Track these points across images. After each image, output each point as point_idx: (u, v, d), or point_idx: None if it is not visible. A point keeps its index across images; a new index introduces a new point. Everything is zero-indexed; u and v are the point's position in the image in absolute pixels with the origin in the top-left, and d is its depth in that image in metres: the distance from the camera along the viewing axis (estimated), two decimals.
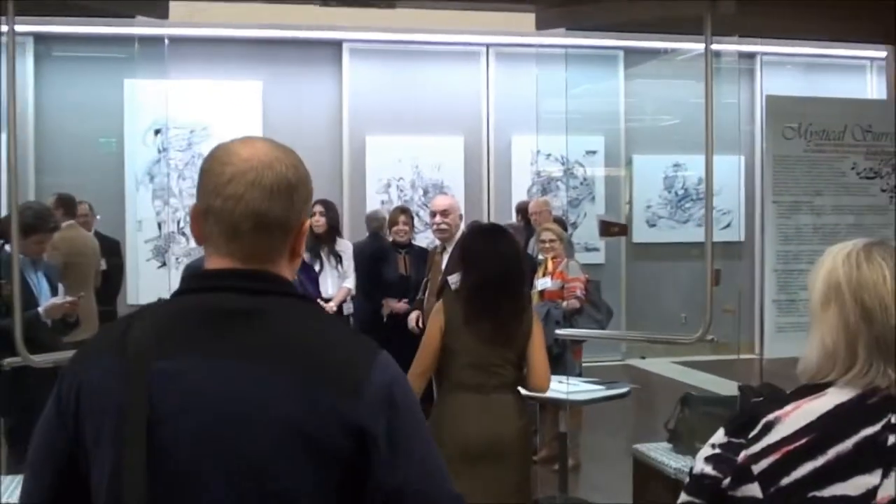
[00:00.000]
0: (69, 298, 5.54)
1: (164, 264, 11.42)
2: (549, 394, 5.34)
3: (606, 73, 12.95)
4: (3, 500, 3.75)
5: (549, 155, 12.68)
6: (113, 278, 8.73)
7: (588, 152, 12.84)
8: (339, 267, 8.04)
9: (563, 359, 7.31)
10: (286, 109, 11.94)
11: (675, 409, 5.23)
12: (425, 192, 12.20)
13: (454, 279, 4.91)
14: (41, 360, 4.65)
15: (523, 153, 12.64)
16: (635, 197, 13.19)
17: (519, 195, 12.32)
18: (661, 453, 5.23)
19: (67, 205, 7.92)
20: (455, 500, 1.78)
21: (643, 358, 12.29)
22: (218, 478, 1.63)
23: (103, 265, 8.41)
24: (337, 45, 12.14)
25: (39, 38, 11.13)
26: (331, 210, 8.16)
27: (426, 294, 6.92)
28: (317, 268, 7.94)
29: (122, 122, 11.44)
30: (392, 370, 1.77)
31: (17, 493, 1.99)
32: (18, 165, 9.83)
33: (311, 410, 1.65)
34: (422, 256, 8.19)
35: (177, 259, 11.46)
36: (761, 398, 2.32)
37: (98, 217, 9.33)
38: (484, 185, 12.55)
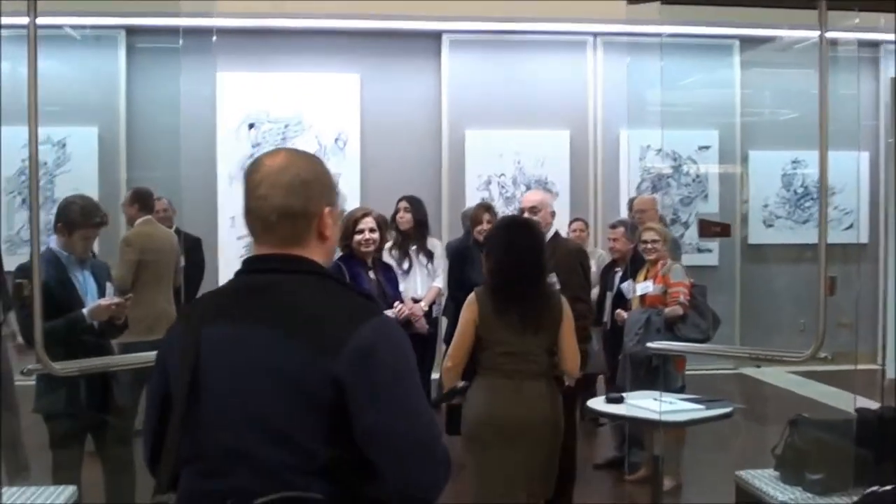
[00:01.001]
0: (116, 300, 5.16)
1: None
2: (640, 413, 5.54)
3: (721, 64, 12.30)
4: None
5: (659, 150, 12.08)
6: (193, 277, 8.36)
7: (701, 147, 12.20)
8: (430, 265, 7.68)
9: (662, 371, 6.81)
10: (384, 103, 11.55)
11: (784, 433, 4.97)
12: (528, 189, 11.67)
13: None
14: (63, 367, 4.35)
15: (632, 148, 12.08)
16: (751, 195, 12.49)
17: (628, 192, 11.75)
18: (766, 482, 4.95)
19: (143, 199, 7.57)
20: (428, 441, 2.19)
21: (758, 367, 11.59)
22: (237, 417, 2.15)
23: (183, 262, 8.06)
24: (436, 36, 11.68)
25: (131, 31, 10.93)
26: (417, 206, 7.86)
27: None
28: (405, 266, 7.62)
29: (215, 116, 11.16)
30: (382, 332, 2.20)
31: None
32: (109, 160, 9.70)
33: (302, 365, 2.13)
34: None
35: None
36: None
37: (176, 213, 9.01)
38: (591, 181, 12.00)
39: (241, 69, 11.14)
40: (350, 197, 11.21)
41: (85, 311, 5.04)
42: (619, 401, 5.96)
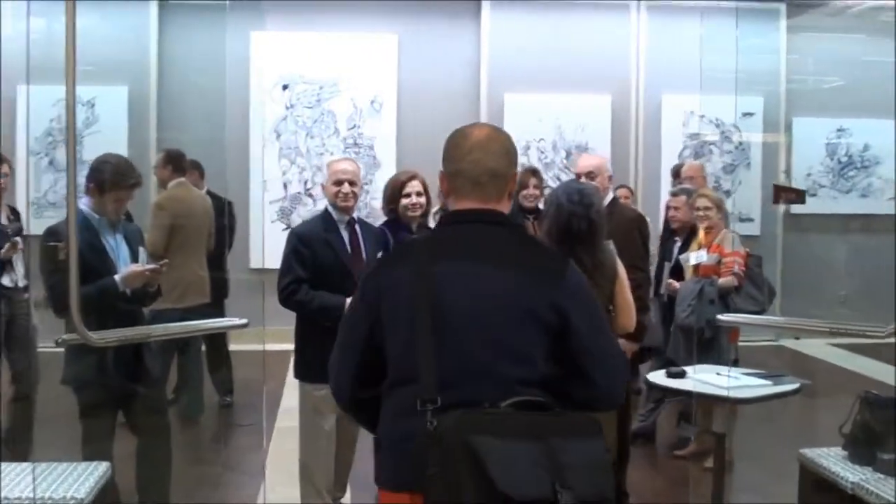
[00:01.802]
0: (150, 265, 4.86)
1: (288, 227, 10.85)
2: (705, 388, 5.32)
3: (767, 28, 11.97)
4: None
5: (702, 116, 11.78)
6: (223, 241, 8.11)
7: (745, 114, 11.87)
8: None
9: (715, 344, 6.56)
10: (422, 64, 11.30)
11: (852, 411, 4.68)
12: (567, 155, 11.43)
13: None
14: (101, 337, 4.08)
15: (675, 114, 11.78)
16: (795, 164, 12.19)
17: (669, 159, 11.46)
18: (834, 462, 4.69)
19: (176, 161, 7.30)
20: (618, 354, 2.80)
21: (797, 339, 11.32)
22: (477, 339, 2.52)
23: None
24: None
25: None
26: None
27: None
28: None
29: (248, 77, 10.91)
30: (578, 273, 2.73)
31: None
32: (139, 120, 9.45)
33: (529, 295, 2.56)
34: None
35: (303, 221, 10.89)
36: None
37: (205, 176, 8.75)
38: (632, 147, 11.72)
39: (275, 28, 10.87)
40: (385, 161, 11.00)
41: (117, 277, 4.71)
42: (682, 375, 5.68)
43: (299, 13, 10.92)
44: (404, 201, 5.85)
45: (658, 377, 5.77)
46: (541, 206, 7.60)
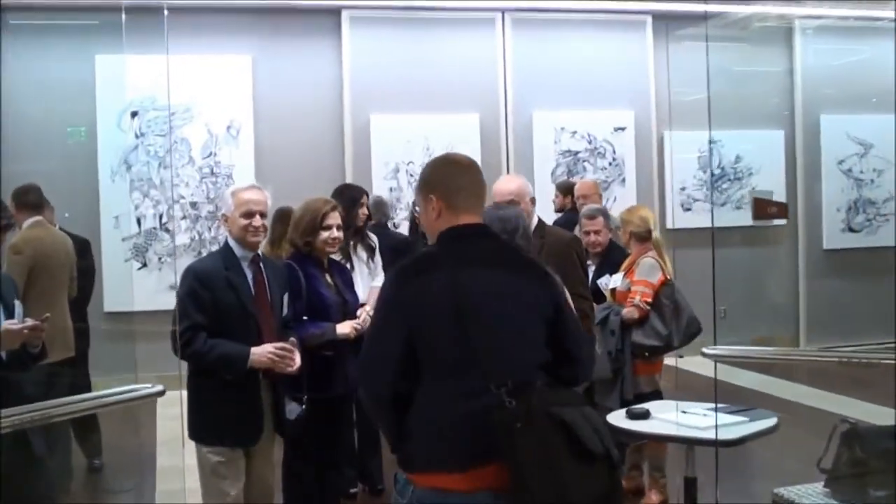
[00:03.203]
0: (29, 322, 4.12)
1: (144, 265, 10.11)
2: (688, 432, 4.92)
3: (634, 41, 11.71)
4: None
5: (574, 132, 11.42)
6: (83, 285, 7.32)
7: (617, 129, 11.58)
8: (371, 262, 6.74)
9: (619, 376, 6.13)
10: (280, 87, 10.64)
11: (829, 445, 4.43)
12: None
13: None
14: None
15: (546, 130, 11.40)
16: (668, 178, 11.93)
17: (542, 177, 11.21)
18: (816, 501, 4.44)
19: (30, 198, 6.51)
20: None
21: (681, 357, 11.01)
22: (502, 330, 3.00)
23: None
24: (335, 12, 10.82)
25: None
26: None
27: None
28: (347, 265, 6.37)
29: (94, 104, 10.08)
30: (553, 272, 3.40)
31: None
32: None
33: (536, 293, 3.13)
34: None
35: (160, 259, 10.14)
36: None
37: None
38: (503, 167, 11.25)
39: (121, 51, 10.05)
40: None
41: None
42: (645, 416, 5.20)
43: (147, 35, 10.07)
44: (324, 234, 5.23)
45: (618, 419, 5.27)
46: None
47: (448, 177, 3.19)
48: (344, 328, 5.22)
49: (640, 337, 6.20)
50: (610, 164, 11.55)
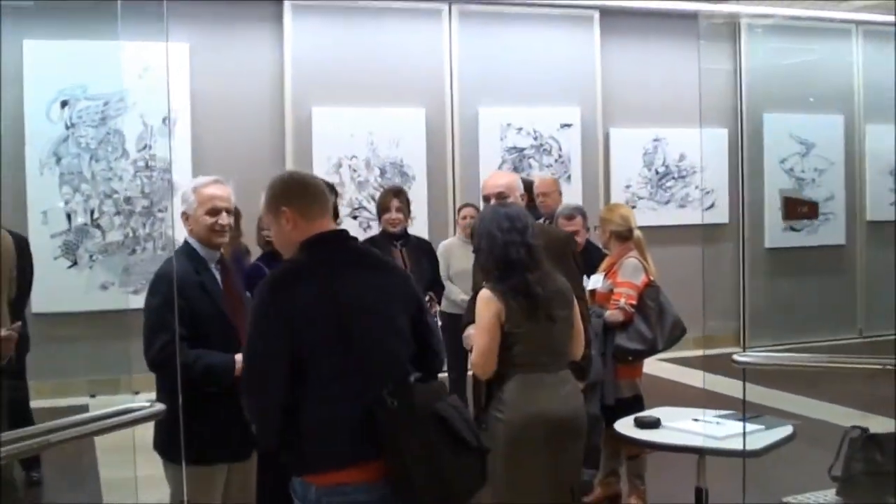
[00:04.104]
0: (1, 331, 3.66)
1: (74, 263, 9.61)
2: (713, 443, 4.73)
3: (581, 37, 11.50)
4: None
5: (520, 129, 11.17)
6: (24, 286, 6.81)
7: (563, 125, 11.35)
8: None
9: (598, 382, 5.87)
10: (218, 77, 10.19)
11: (840, 450, 4.40)
12: (382, 173, 10.59)
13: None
14: None
15: (492, 126, 11.13)
16: (613, 175, 11.77)
17: (488, 173, 10.77)
18: None
19: None
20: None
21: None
22: (373, 323, 3.22)
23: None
24: (277, 0, 10.41)
25: None
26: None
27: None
28: None
29: (21, 93, 9.53)
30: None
31: None
32: None
33: (404, 291, 3.40)
34: (422, 248, 6.88)
35: (91, 257, 9.63)
36: None
37: None
38: (448, 162, 10.99)
39: (51, 36, 9.55)
40: (181, 185, 9.85)
41: None
42: (655, 425, 4.99)
43: (78, 18, 9.61)
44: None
45: (626, 428, 5.00)
46: (408, 230, 6.77)
47: (296, 188, 3.36)
48: None
49: (624, 340, 6.00)
50: (556, 161, 11.33)
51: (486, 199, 5.01)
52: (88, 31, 9.51)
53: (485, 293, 4.32)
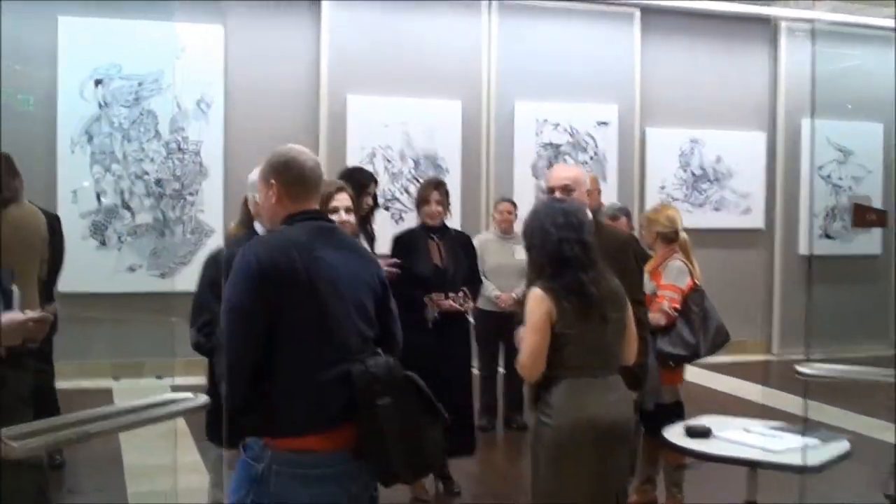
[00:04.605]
0: (33, 314, 3.58)
1: (103, 243, 9.49)
2: (774, 457, 4.48)
3: (621, 34, 11.33)
4: None
5: (556, 125, 11.00)
6: (55, 266, 6.68)
7: (600, 123, 11.18)
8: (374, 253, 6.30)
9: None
10: (253, 61, 10.06)
11: None
12: (416, 165, 10.45)
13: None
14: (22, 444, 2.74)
15: (528, 121, 10.97)
16: (648, 176, 11.60)
17: (522, 169, 10.82)
18: None
19: (8, 167, 5.84)
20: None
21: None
22: (345, 301, 3.24)
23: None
24: None
25: None
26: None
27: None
28: None
29: (56, 70, 9.43)
30: None
31: None
32: None
33: (370, 272, 3.42)
34: (460, 242, 6.59)
35: (119, 238, 9.52)
36: None
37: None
38: (483, 156, 10.83)
39: (86, 14, 9.44)
40: (213, 169, 9.78)
41: None
42: (706, 434, 4.79)
43: None
44: (332, 217, 4.76)
45: (676, 436, 4.83)
46: (447, 223, 6.62)
47: (290, 165, 3.35)
48: None
49: (666, 345, 5.83)
50: (591, 158, 11.15)
51: (551, 191, 4.82)
52: (125, 9, 9.42)
53: (536, 291, 4.18)
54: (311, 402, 3.12)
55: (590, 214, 4.48)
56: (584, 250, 4.15)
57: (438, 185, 6.52)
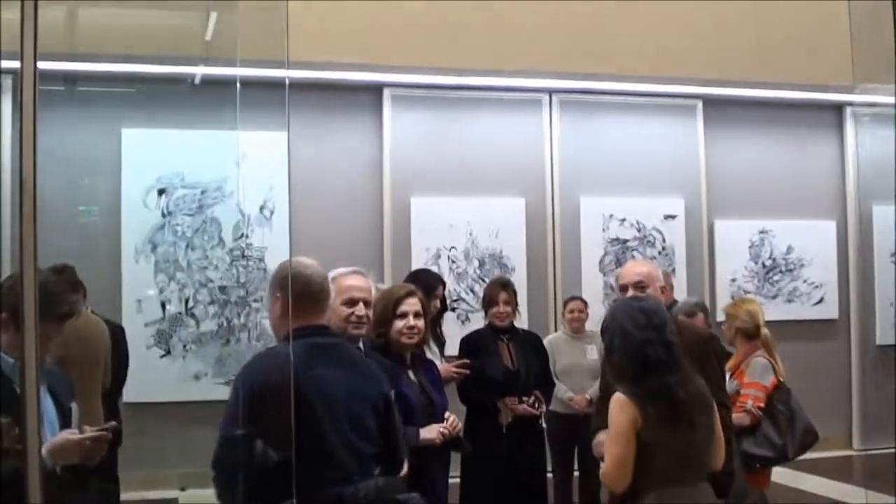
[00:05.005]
0: (91, 432, 3.42)
1: (168, 352, 9.42)
2: None
3: (684, 126, 11.21)
4: None
5: (623, 220, 10.84)
6: (119, 377, 6.63)
7: (667, 217, 11.00)
8: (443, 359, 6.20)
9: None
10: (317, 165, 10.01)
11: None
12: (481, 265, 10.30)
13: None
14: None
15: (593, 217, 10.81)
16: (718, 269, 11.36)
17: (590, 265, 10.68)
18: None
19: (71, 280, 5.79)
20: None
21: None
22: (341, 420, 3.38)
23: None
24: (377, 89, 10.28)
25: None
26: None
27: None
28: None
29: (119, 181, 9.46)
30: None
31: None
32: None
33: (372, 390, 3.57)
34: (530, 342, 6.46)
35: (184, 346, 9.44)
36: None
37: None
38: (549, 254, 10.68)
39: (150, 125, 9.50)
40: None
41: (43, 449, 3.18)
42: None
43: (176, 109, 9.58)
44: (399, 323, 4.62)
45: None
46: (515, 324, 6.46)
47: (295, 278, 3.45)
48: (429, 433, 4.66)
49: (752, 446, 5.62)
50: (659, 253, 10.95)
51: (623, 288, 4.68)
52: (187, 119, 9.48)
53: (619, 397, 3.95)
54: None
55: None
56: (667, 351, 3.96)
57: (506, 285, 6.40)
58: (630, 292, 4.58)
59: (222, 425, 3.38)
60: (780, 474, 9.17)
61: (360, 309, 4.22)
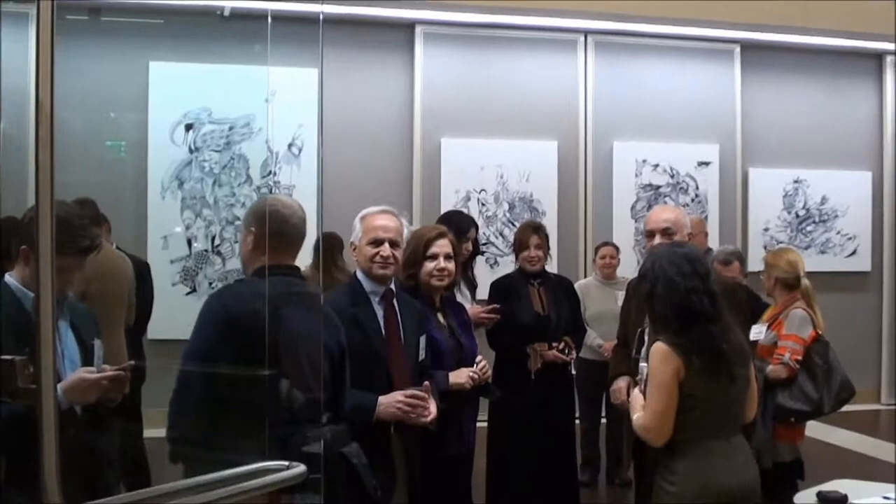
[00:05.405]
0: (109, 370, 3.30)
1: (193, 290, 9.34)
2: None
3: (721, 72, 10.98)
4: None
5: (656, 165, 10.65)
6: (143, 314, 6.54)
7: (700, 163, 10.81)
8: (474, 302, 6.06)
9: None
10: (346, 104, 9.85)
11: None
12: (511, 208, 10.16)
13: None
14: None
15: (626, 162, 10.63)
16: (751, 218, 11.17)
17: (621, 212, 10.49)
18: None
19: (93, 214, 5.66)
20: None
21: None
22: (300, 361, 3.34)
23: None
24: (409, 27, 10.11)
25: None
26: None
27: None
28: None
29: (146, 115, 9.32)
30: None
31: None
32: (14, 163, 7.73)
33: (331, 339, 3.52)
34: (562, 287, 6.28)
35: (210, 284, 9.35)
36: None
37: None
38: (580, 199, 10.53)
39: (178, 59, 9.35)
40: (306, 214, 9.55)
41: (60, 387, 3.06)
42: (843, 501, 4.46)
43: (205, 42, 9.41)
44: (429, 265, 4.49)
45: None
46: (547, 268, 6.32)
47: (272, 216, 3.37)
48: (459, 377, 4.53)
49: (787, 399, 5.47)
50: (692, 200, 10.77)
51: (650, 234, 4.54)
52: (216, 53, 9.31)
53: (661, 347, 3.81)
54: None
55: None
56: (711, 301, 3.81)
57: (538, 229, 6.24)
58: (657, 239, 4.44)
59: (185, 361, 3.33)
60: (808, 427, 9.14)
61: (385, 249, 4.04)
